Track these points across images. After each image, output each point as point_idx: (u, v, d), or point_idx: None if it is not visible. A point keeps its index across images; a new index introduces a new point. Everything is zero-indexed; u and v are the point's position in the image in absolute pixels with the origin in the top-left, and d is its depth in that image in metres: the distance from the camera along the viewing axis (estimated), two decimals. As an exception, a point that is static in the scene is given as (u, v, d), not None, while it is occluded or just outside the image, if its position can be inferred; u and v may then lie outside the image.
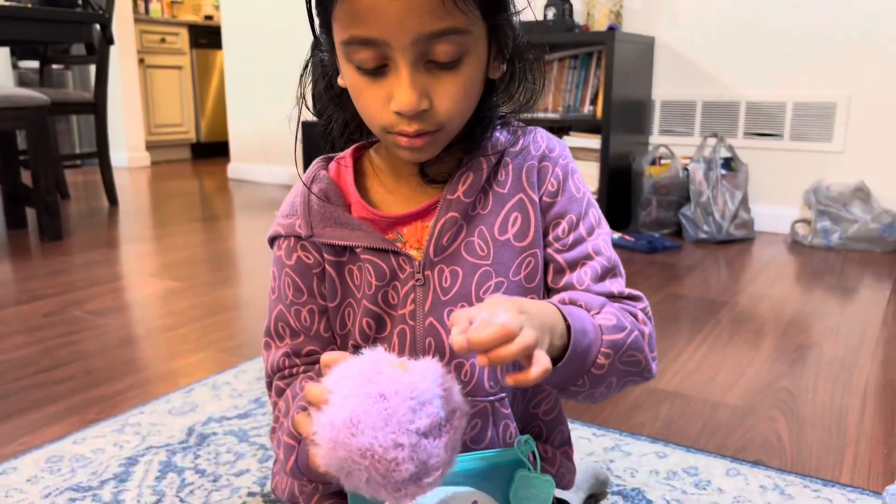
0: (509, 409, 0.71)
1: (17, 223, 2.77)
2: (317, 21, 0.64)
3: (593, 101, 2.76)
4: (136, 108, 4.81)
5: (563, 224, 0.69)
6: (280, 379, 0.72)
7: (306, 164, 0.79)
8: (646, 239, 2.46)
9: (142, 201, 3.57)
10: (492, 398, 0.69)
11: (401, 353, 0.67)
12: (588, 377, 0.61)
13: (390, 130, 0.61)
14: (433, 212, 0.67)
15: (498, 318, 0.50)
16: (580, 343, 0.59)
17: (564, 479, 0.78)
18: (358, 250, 0.68)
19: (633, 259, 2.32)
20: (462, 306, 0.67)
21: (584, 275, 0.68)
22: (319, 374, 0.63)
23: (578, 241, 0.69)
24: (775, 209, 2.68)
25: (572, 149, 2.69)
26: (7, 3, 2.76)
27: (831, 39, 2.49)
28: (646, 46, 2.78)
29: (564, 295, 0.66)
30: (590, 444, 1.11)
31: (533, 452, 0.63)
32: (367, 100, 0.61)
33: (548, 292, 0.71)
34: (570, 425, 1.16)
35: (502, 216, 0.68)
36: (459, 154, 0.68)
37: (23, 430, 1.16)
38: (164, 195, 3.77)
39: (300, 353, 0.71)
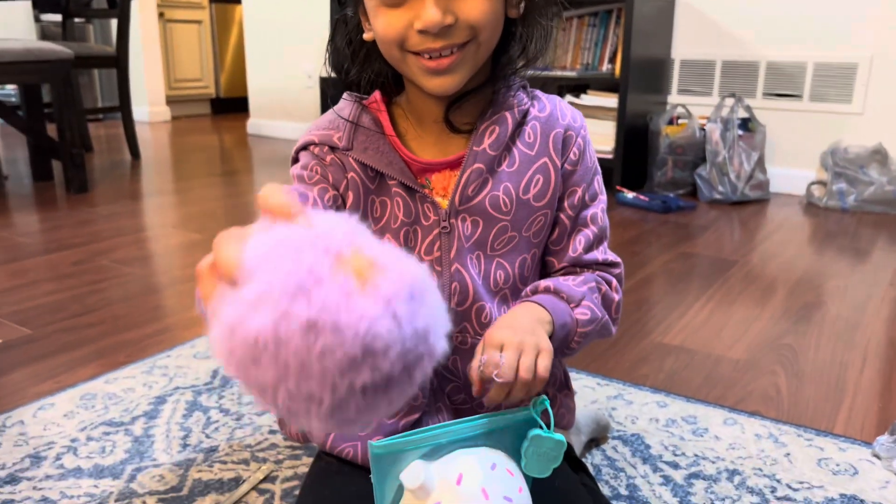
0: None
1: (43, 175, 2.84)
2: None
3: (612, 60, 2.74)
4: (156, 63, 4.83)
5: (579, 191, 0.74)
6: None
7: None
8: (660, 199, 2.48)
9: (163, 155, 3.62)
10: None
11: None
12: (560, 353, 0.71)
13: (417, 51, 0.63)
14: (461, 164, 0.70)
15: (500, 368, 0.59)
16: (559, 335, 0.69)
17: (564, 418, 0.83)
18: (392, 182, 0.70)
19: (647, 219, 2.35)
20: (479, 255, 0.72)
21: (578, 244, 0.75)
22: None
23: (583, 207, 0.75)
24: (792, 170, 2.68)
25: (589, 107, 2.71)
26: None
27: (853, 0, 2.45)
28: (667, 4, 2.75)
29: (550, 282, 0.71)
30: (594, 393, 1.16)
31: (546, 411, 0.64)
32: (391, 26, 0.63)
33: (544, 251, 0.77)
34: (576, 375, 1.22)
35: (528, 177, 0.72)
36: (482, 101, 0.71)
37: (58, 370, 1.23)
38: (184, 150, 3.82)
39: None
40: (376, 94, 0.73)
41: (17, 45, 2.42)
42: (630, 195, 2.52)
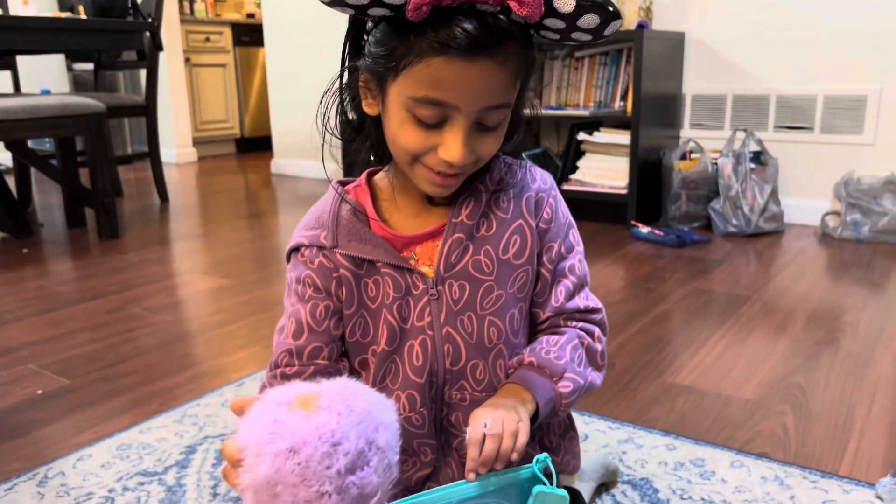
0: None
1: (77, 222, 2.96)
2: (376, 61, 0.69)
3: (623, 97, 2.81)
4: (183, 107, 5.00)
5: (555, 247, 0.81)
6: (271, 379, 0.79)
7: (345, 164, 0.87)
8: (675, 233, 2.52)
9: (190, 198, 3.74)
10: None
11: (424, 358, 0.77)
12: (548, 419, 0.79)
13: (431, 168, 0.71)
14: (442, 233, 0.77)
15: (487, 427, 0.66)
16: (544, 411, 0.75)
17: (570, 465, 0.87)
18: (379, 264, 0.76)
19: (662, 253, 2.39)
20: (469, 316, 0.77)
21: (559, 294, 0.81)
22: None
23: (560, 259, 0.81)
24: (806, 201, 2.70)
25: (603, 144, 2.77)
26: (64, 16, 2.93)
27: (862, 32, 2.49)
28: (676, 42, 2.81)
29: (534, 357, 0.77)
30: (605, 437, 1.20)
31: (549, 468, 0.69)
32: (415, 141, 0.69)
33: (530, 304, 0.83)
34: (588, 418, 1.26)
35: (505, 238, 0.78)
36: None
37: (95, 420, 1.30)
38: (211, 191, 3.94)
39: (302, 353, 0.77)
40: (362, 178, 0.81)
41: (53, 100, 2.55)
42: (645, 230, 2.56)
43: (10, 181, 3.50)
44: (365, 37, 0.71)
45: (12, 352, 1.63)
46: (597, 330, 0.82)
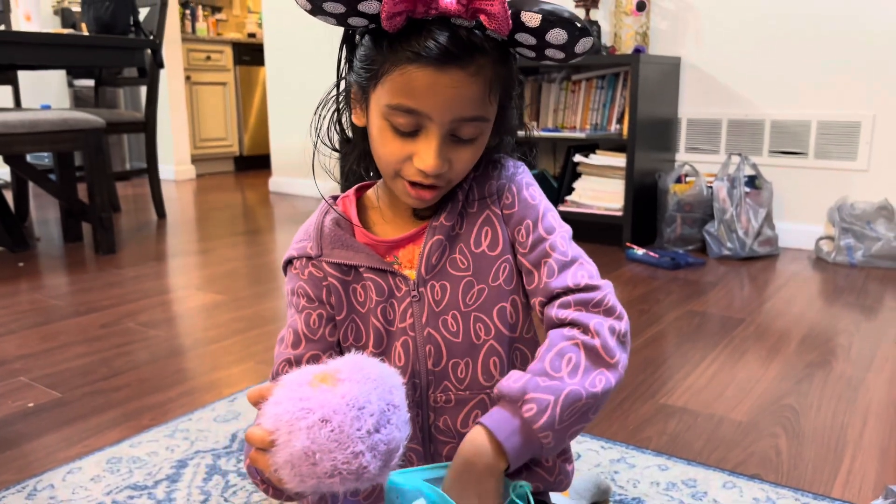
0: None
1: (73, 237, 2.96)
2: (359, 73, 0.72)
3: (620, 120, 2.83)
4: (182, 124, 5.02)
5: (522, 229, 0.78)
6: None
7: (342, 181, 0.89)
8: (670, 255, 2.53)
9: (188, 214, 3.75)
10: (487, 391, 0.79)
11: (406, 360, 0.78)
12: (544, 448, 0.69)
13: (406, 179, 0.73)
14: (423, 236, 0.79)
15: None
16: (515, 451, 0.67)
17: (563, 483, 0.87)
18: (361, 269, 0.78)
19: (657, 275, 2.39)
20: (454, 315, 0.78)
21: (543, 275, 0.76)
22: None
23: (538, 242, 0.77)
24: (800, 226, 2.72)
25: (599, 166, 2.79)
26: (67, 32, 2.96)
27: (856, 60, 2.53)
28: (672, 66, 2.85)
29: (496, 388, 0.70)
30: (597, 456, 1.20)
31: (526, 495, 0.68)
32: (392, 151, 0.72)
33: (526, 295, 0.79)
34: (581, 438, 1.26)
35: (475, 232, 0.79)
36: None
37: (86, 434, 1.29)
38: (208, 208, 3.94)
39: (300, 361, 0.78)
40: (352, 190, 0.84)
41: (53, 115, 2.56)
42: (640, 252, 2.57)
43: (8, 195, 3.51)
44: (354, 53, 0.75)
45: (4, 364, 1.62)
46: (593, 320, 0.71)
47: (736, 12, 2.72)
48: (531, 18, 0.67)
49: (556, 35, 0.68)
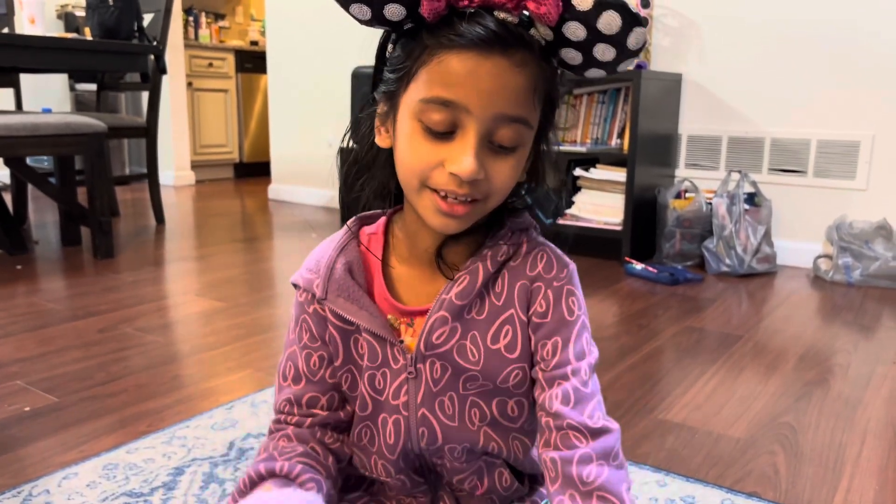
0: (501, 460, 0.78)
1: (72, 240, 2.95)
2: (389, 80, 0.67)
3: (620, 135, 2.84)
4: (183, 130, 5.03)
5: (549, 346, 0.70)
6: (275, 423, 0.78)
7: (344, 189, 0.82)
8: (668, 270, 2.53)
9: (187, 220, 3.74)
10: (485, 457, 0.78)
11: (396, 439, 0.75)
12: None
13: (437, 189, 0.65)
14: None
15: None
16: None
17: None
18: (361, 327, 0.73)
19: (656, 290, 2.40)
20: (451, 396, 0.73)
21: (554, 397, 0.68)
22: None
23: (562, 364, 0.69)
24: (799, 244, 2.73)
25: (599, 181, 2.79)
26: (70, 37, 2.96)
27: (856, 79, 2.54)
28: (673, 83, 2.86)
29: None
30: (595, 471, 1.19)
31: None
32: (422, 156, 0.64)
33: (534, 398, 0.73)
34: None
35: (496, 326, 0.71)
36: (474, 242, 0.73)
37: (82, 439, 1.29)
38: (207, 214, 3.94)
39: (300, 400, 0.76)
40: (381, 221, 0.77)
41: (54, 118, 2.57)
42: (639, 266, 2.58)
43: (7, 198, 3.50)
44: (385, 64, 0.69)
45: (1, 368, 1.62)
46: (623, 485, 0.66)
47: (738, 30, 2.74)
48: (582, 1, 0.60)
49: (609, 20, 0.60)
